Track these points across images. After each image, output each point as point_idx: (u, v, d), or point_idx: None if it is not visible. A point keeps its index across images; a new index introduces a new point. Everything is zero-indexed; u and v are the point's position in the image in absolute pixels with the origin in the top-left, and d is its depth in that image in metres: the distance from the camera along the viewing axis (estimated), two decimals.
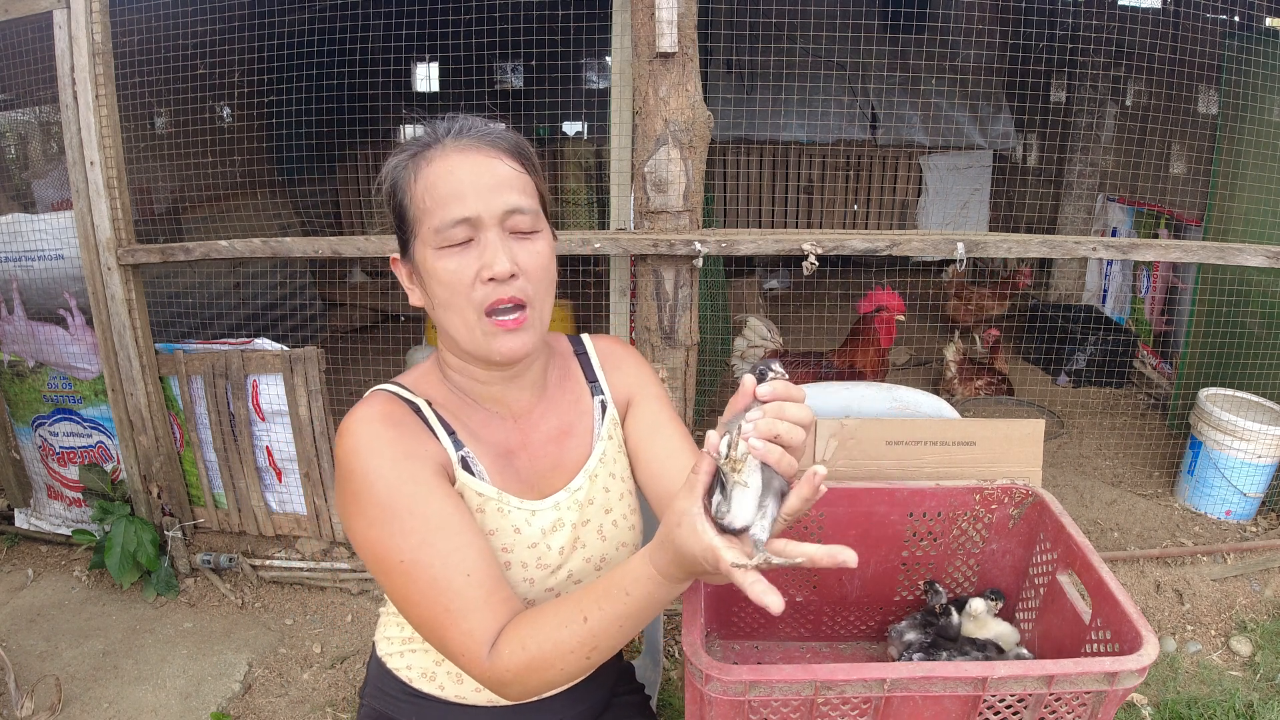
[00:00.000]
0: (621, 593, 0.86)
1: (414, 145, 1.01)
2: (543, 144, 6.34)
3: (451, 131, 1.00)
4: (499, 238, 0.98)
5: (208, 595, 2.69)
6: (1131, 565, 2.66)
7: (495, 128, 1.03)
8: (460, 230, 0.97)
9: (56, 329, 2.70)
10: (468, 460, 1.06)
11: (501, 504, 1.07)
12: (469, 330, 1.01)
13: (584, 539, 1.13)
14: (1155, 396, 3.95)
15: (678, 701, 2.09)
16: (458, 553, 0.95)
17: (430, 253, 0.99)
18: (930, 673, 1.09)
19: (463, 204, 0.96)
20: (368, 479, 0.97)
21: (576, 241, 2.33)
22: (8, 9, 2.38)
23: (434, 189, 0.97)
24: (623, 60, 2.30)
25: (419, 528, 0.95)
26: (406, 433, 1.01)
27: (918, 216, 6.05)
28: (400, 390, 1.08)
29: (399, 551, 0.95)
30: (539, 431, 1.14)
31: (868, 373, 3.16)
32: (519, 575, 1.08)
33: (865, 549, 1.67)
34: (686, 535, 0.78)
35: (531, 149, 1.05)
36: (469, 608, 0.93)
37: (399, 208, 1.02)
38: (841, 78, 5.57)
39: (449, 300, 1.00)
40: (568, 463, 1.15)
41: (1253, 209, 2.98)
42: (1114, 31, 4.41)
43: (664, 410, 1.21)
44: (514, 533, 1.07)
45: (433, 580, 0.94)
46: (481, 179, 0.97)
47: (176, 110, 3.99)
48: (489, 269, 0.97)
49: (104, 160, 2.38)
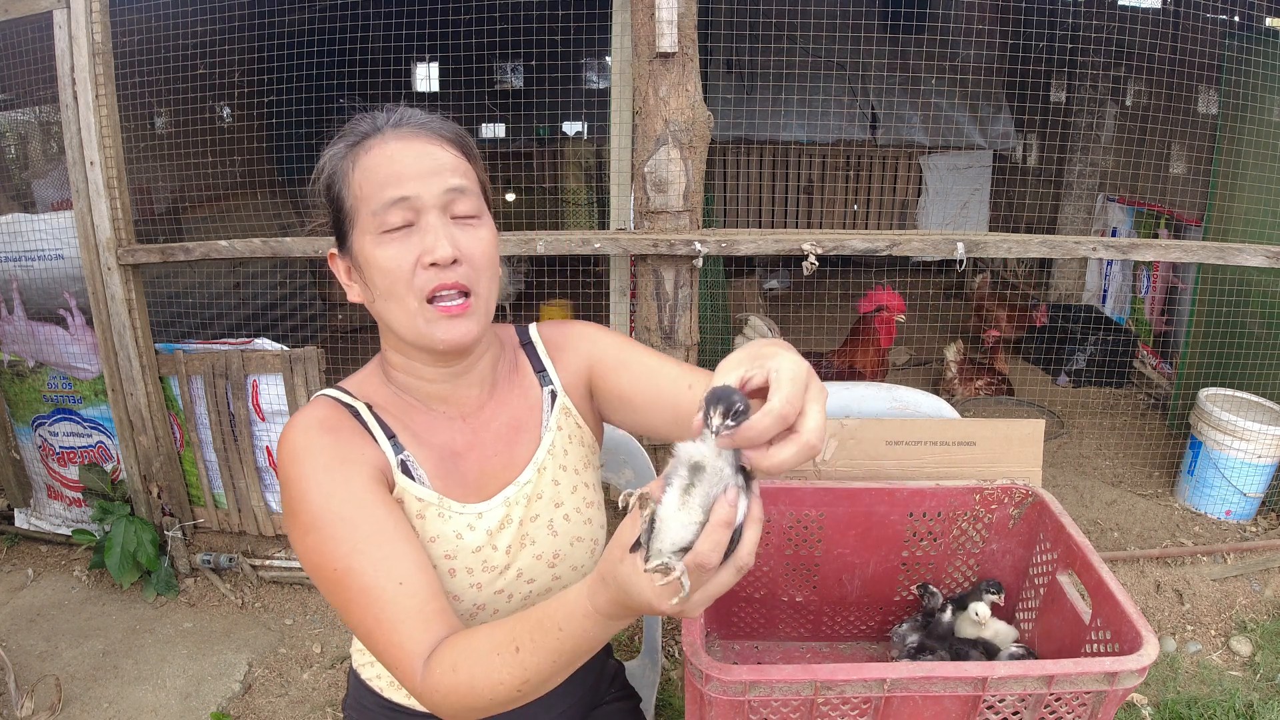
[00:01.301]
0: (555, 628, 0.81)
1: (352, 135, 0.99)
2: (543, 144, 6.34)
3: (391, 121, 0.98)
4: (440, 221, 0.95)
5: (208, 595, 2.69)
6: (1131, 565, 2.66)
7: (435, 117, 1.01)
8: (398, 212, 0.94)
9: (56, 329, 2.69)
10: (408, 464, 1.02)
11: (442, 509, 1.03)
12: (410, 319, 0.97)
13: (532, 535, 1.08)
14: (1155, 396, 3.95)
15: (678, 701, 2.09)
16: (389, 560, 0.92)
17: (369, 240, 0.96)
18: (930, 673, 1.09)
19: (402, 186, 0.94)
20: (301, 486, 0.94)
21: (576, 241, 2.33)
22: (8, 9, 2.38)
23: (373, 174, 0.95)
24: (623, 60, 2.30)
25: (350, 535, 0.92)
26: (342, 438, 0.98)
27: (918, 216, 6.05)
28: (341, 395, 1.05)
29: (332, 559, 0.92)
30: (489, 430, 1.10)
31: (867, 373, 3.16)
32: (465, 581, 1.04)
33: (865, 549, 1.67)
34: (629, 572, 0.71)
35: (472, 140, 1.03)
36: (400, 618, 0.89)
37: (336, 199, 0.99)
38: (841, 78, 5.57)
39: (389, 289, 0.96)
40: (518, 459, 1.10)
41: (1253, 209, 2.98)
42: (1114, 31, 4.41)
43: (625, 346, 1.15)
44: (456, 538, 1.03)
45: (364, 589, 0.91)
46: (422, 163, 0.95)
47: (176, 110, 3.99)
48: (430, 253, 0.94)
49: (104, 160, 2.38)
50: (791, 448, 0.67)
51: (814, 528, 1.64)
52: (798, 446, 0.67)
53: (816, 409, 0.68)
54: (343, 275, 1.04)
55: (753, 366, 0.71)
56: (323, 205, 1.02)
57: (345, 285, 1.04)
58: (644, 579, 0.70)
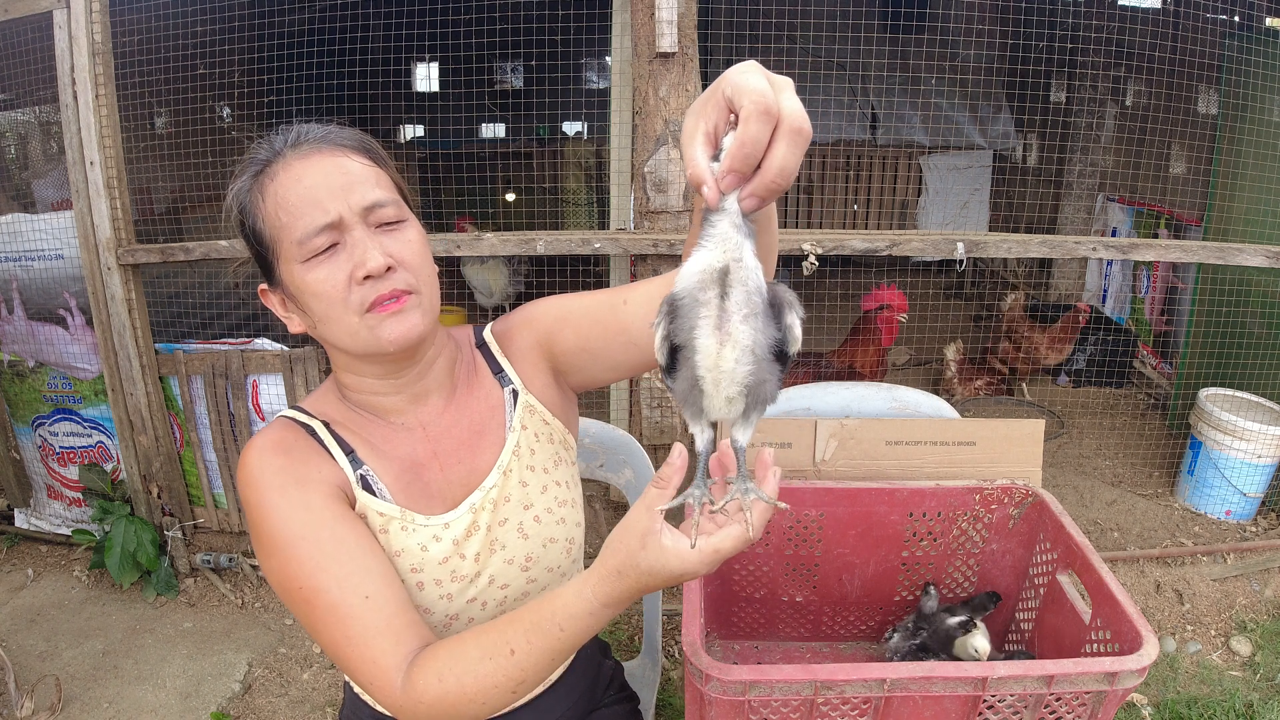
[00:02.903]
0: (555, 628, 0.82)
1: (253, 165, 0.95)
2: (543, 144, 6.34)
3: (289, 141, 0.95)
4: (365, 234, 0.92)
5: (208, 595, 2.69)
6: (1131, 565, 2.66)
7: (332, 128, 0.98)
8: (324, 237, 0.91)
9: (56, 329, 2.69)
10: (368, 479, 1.00)
11: (405, 522, 1.01)
12: (353, 334, 0.94)
13: (502, 539, 1.06)
14: (1155, 396, 3.95)
15: (678, 701, 2.09)
16: (354, 576, 0.91)
17: (297, 268, 0.93)
18: (930, 673, 1.09)
19: (320, 209, 0.91)
20: (261, 510, 0.93)
21: (576, 241, 2.33)
22: (8, 9, 2.38)
23: (286, 202, 0.91)
24: (623, 60, 2.30)
25: (313, 553, 0.91)
26: (298, 458, 0.97)
27: (918, 216, 6.05)
28: (298, 415, 1.03)
29: (296, 579, 0.91)
30: (450, 437, 1.07)
31: (867, 371, 3.16)
32: (434, 593, 1.02)
33: (865, 549, 1.67)
34: (655, 555, 0.75)
35: (376, 143, 1.00)
36: (369, 633, 0.88)
37: (254, 233, 0.95)
38: (841, 78, 5.57)
39: (327, 312, 0.93)
40: (482, 465, 1.07)
41: (1253, 209, 2.98)
42: (1114, 31, 4.41)
43: (560, 302, 1.10)
44: (421, 551, 1.01)
45: (331, 606, 0.90)
46: (333, 179, 0.92)
47: (176, 110, 3.99)
48: (362, 267, 0.91)
49: (104, 160, 2.38)
50: (782, 142, 0.63)
51: (814, 528, 1.64)
52: (788, 133, 0.63)
53: (788, 93, 0.64)
54: (278, 308, 1.01)
55: (709, 111, 0.67)
56: (239, 242, 0.99)
57: (283, 318, 1.01)
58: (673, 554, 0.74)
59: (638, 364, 1.06)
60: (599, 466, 1.65)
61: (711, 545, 0.74)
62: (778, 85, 0.64)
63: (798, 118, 0.63)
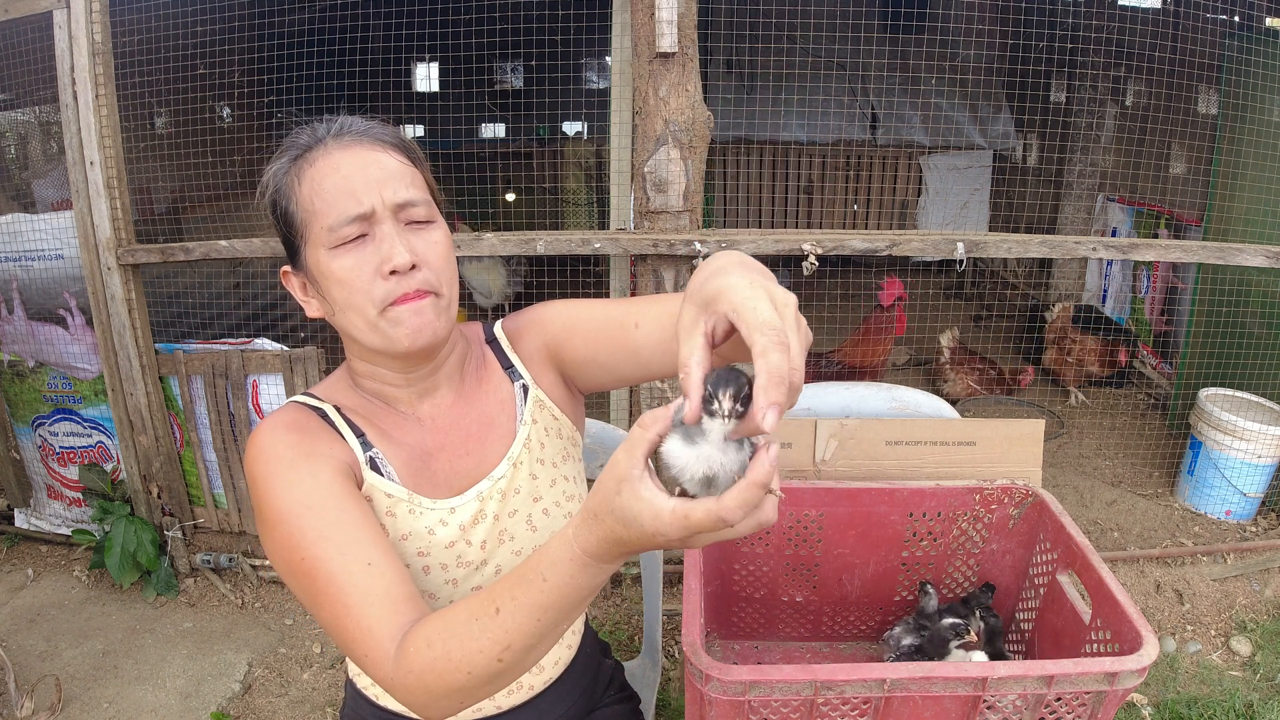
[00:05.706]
0: (538, 579, 0.76)
1: (294, 148, 0.97)
2: (543, 144, 6.34)
3: (332, 131, 0.97)
4: (394, 230, 0.94)
5: (208, 595, 2.69)
6: (1131, 565, 2.66)
7: (375, 124, 0.99)
8: (354, 227, 0.93)
9: (56, 329, 2.70)
10: (376, 461, 1.01)
11: (413, 505, 1.02)
12: (372, 328, 0.96)
13: (510, 530, 1.06)
14: (1155, 396, 3.95)
15: (678, 701, 2.09)
16: (356, 545, 0.90)
17: (324, 254, 0.95)
18: (930, 673, 1.09)
19: (354, 199, 0.93)
20: (267, 482, 0.94)
21: (576, 241, 2.33)
22: (8, 9, 2.38)
23: (321, 188, 0.93)
24: (623, 60, 2.30)
25: (316, 522, 0.91)
26: (309, 436, 0.98)
27: (918, 216, 6.05)
28: (308, 400, 1.05)
29: (298, 549, 0.90)
30: (459, 430, 1.08)
31: (878, 363, 3.21)
32: (439, 578, 1.02)
33: (865, 549, 1.67)
34: (628, 500, 0.67)
35: (415, 144, 1.02)
36: (368, 601, 0.86)
37: (285, 215, 0.97)
38: (841, 78, 5.57)
39: (348, 300, 0.95)
40: (491, 456, 1.08)
41: (1253, 209, 2.98)
42: (1114, 31, 4.41)
43: (571, 310, 1.11)
44: (428, 534, 1.02)
45: (330, 575, 0.88)
46: (369, 172, 0.94)
47: (176, 110, 3.99)
48: (389, 262, 0.93)
49: (104, 160, 2.38)
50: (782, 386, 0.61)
51: (814, 528, 1.64)
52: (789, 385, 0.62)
53: (794, 339, 0.62)
54: (298, 291, 1.03)
55: (707, 315, 0.67)
56: (270, 222, 1.01)
57: (302, 301, 1.02)
58: (648, 505, 0.65)
59: (646, 378, 1.07)
60: (599, 466, 1.65)
61: (683, 509, 0.65)
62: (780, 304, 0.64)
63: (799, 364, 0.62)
